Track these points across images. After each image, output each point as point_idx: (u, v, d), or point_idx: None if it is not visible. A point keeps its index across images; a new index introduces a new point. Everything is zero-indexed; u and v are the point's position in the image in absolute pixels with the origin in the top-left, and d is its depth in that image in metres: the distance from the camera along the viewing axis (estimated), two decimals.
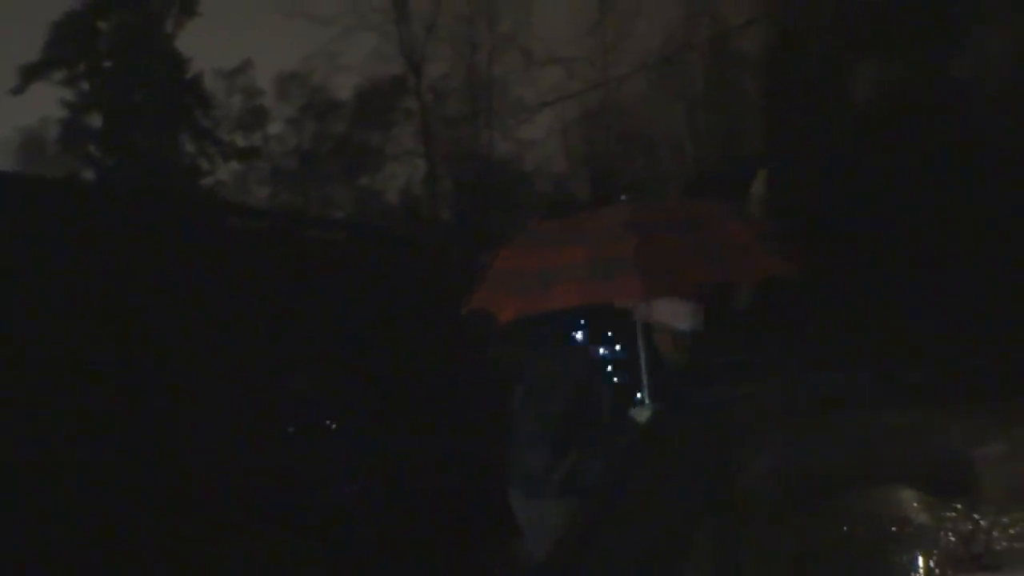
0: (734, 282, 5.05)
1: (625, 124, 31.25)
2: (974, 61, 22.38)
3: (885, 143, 20.82)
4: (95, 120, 32.19)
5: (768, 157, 29.06)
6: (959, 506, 3.67)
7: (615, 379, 4.17)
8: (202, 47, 48.05)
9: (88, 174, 31.85)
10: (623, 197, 4.15)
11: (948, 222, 19.54)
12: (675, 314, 4.21)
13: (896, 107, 21.41)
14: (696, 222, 3.95)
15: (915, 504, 4.38)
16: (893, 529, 4.01)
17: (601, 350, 4.26)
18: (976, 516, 3.74)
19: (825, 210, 22.57)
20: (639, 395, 3.98)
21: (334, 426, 5.92)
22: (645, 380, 3.84)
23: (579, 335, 4.31)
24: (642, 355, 3.92)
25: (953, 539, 3.59)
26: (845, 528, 4.32)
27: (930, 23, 21.79)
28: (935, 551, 3.60)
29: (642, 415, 3.81)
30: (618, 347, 4.18)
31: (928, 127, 20.38)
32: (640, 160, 31.44)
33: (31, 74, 31.48)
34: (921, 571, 3.54)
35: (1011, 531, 3.50)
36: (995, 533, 3.45)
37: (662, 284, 3.76)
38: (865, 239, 20.81)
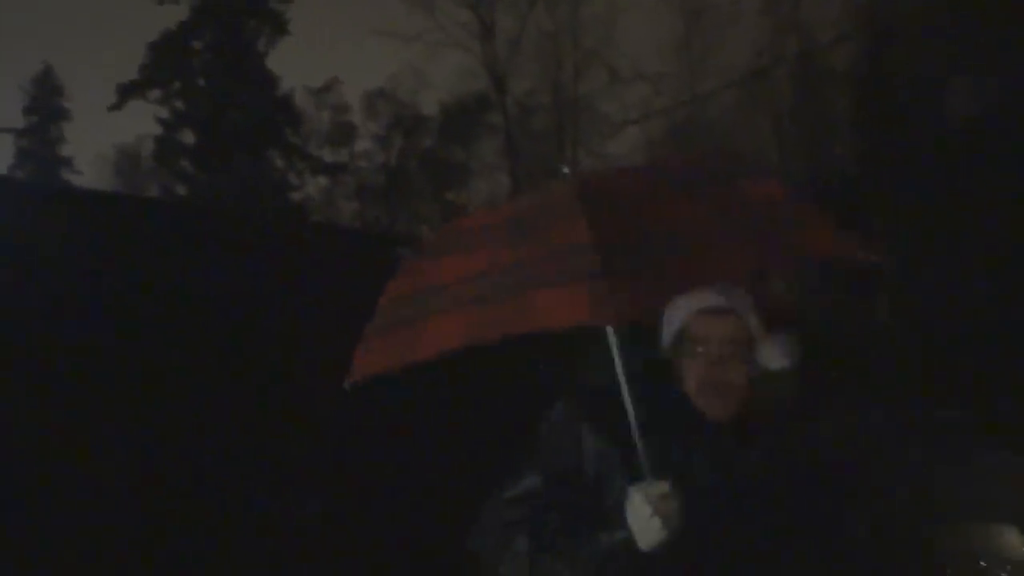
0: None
1: (711, 140, 31.07)
2: None
3: (979, 162, 20.44)
4: (188, 137, 32.91)
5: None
6: None
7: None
8: (292, 65, 48.99)
9: (181, 190, 32.57)
10: (565, 170, 2.30)
11: None
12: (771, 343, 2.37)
13: (991, 125, 21.02)
14: (698, 180, 2.32)
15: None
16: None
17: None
18: None
19: (919, 231, 22.21)
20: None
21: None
22: (639, 443, 2.13)
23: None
24: (627, 401, 2.15)
25: None
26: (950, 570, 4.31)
27: None
28: None
29: (649, 501, 2.08)
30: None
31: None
32: None
33: (128, 92, 32.32)
34: None
35: None
36: None
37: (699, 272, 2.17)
38: (956, 260, 20.44)
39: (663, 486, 2.11)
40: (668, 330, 2.43)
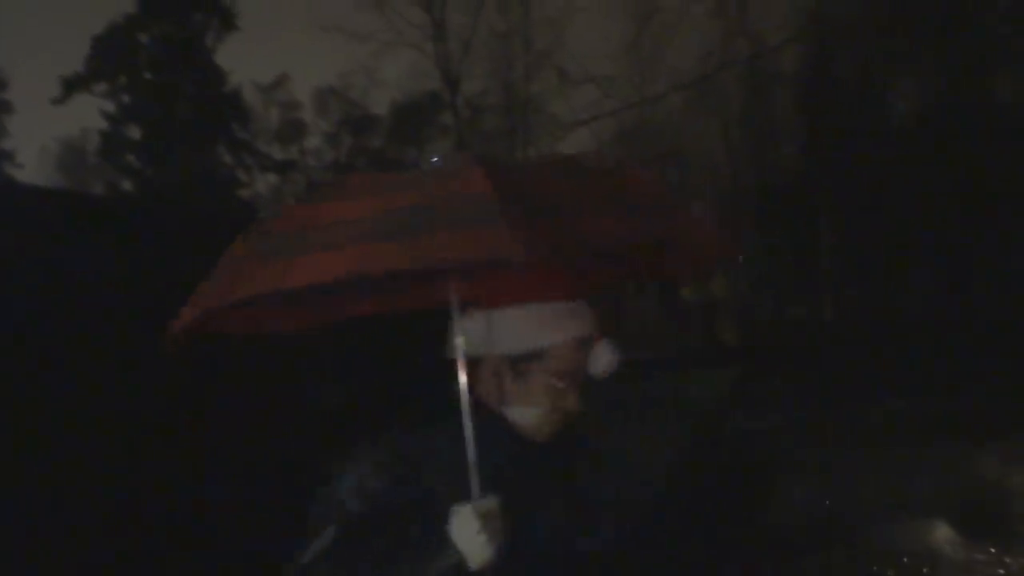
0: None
1: (660, 142, 31.24)
2: (1014, 80, 22.23)
3: (922, 161, 20.70)
4: (134, 131, 32.55)
5: (706, 191, 28.89)
6: (992, 549, 3.67)
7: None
8: (241, 61, 48.63)
9: (127, 185, 32.23)
10: (435, 159, 2.18)
11: (985, 242, 19.40)
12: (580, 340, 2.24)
13: (933, 125, 21.30)
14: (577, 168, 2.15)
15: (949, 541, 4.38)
16: (925, 570, 4.00)
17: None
18: (1008, 559, 3.73)
19: (862, 231, 22.46)
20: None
21: None
22: (472, 458, 2.00)
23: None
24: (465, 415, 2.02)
25: None
26: (876, 567, 4.31)
27: (969, 41, 21.68)
28: None
29: (477, 517, 1.96)
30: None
31: (966, 146, 20.26)
32: (675, 178, 31.42)
33: (73, 85, 31.89)
34: None
35: None
36: None
37: (543, 243, 1.80)
38: (901, 257, 20.69)
39: (490, 502, 2.00)
40: (517, 344, 2.20)
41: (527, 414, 2.21)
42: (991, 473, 4.73)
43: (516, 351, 2.20)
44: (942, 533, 4.45)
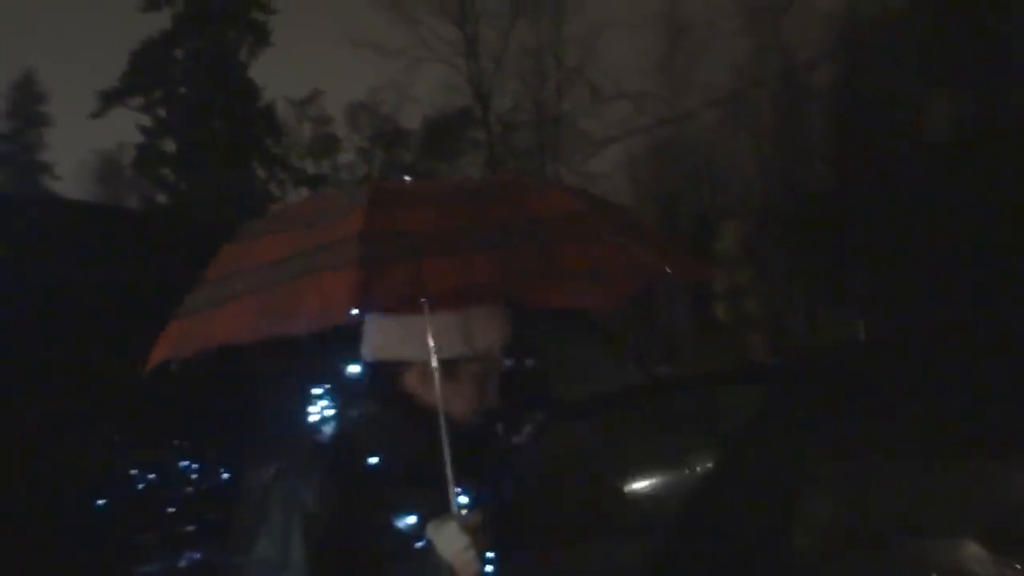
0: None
1: (692, 158, 31.20)
2: None
3: (955, 176, 20.59)
4: (170, 145, 32.88)
5: (738, 208, 28.86)
6: (1018, 565, 3.64)
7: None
8: (274, 76, 48.94)
9: (162, 198, 32.53)
10: (407, 179, 2.24)
11: (1019, 256, 19.23)
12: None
13: (966, 140, 21.19)
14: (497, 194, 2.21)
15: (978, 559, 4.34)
16: None
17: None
18: None
19: (894, 244, 22.32)
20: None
21: None
22: (448, 463, 2.02)
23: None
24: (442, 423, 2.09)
25: None
26: None
27: (1001, 57, 21.57)
28: None
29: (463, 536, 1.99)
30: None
31: (999, 161, 20.13)
32: (707, 194, 31.35)
33: (110, 100, 32.26)
34: None
35: None
36: None
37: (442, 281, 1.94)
38: (932, 271, 20.55)
39: (475, 515, 2.03)
40: (449, 349, 2.18)
41: (456, 409, 2.20)
42: (1021, 488, 4.69)
43: (449, 355, 2.18)
44: (971, 549, 4.42)
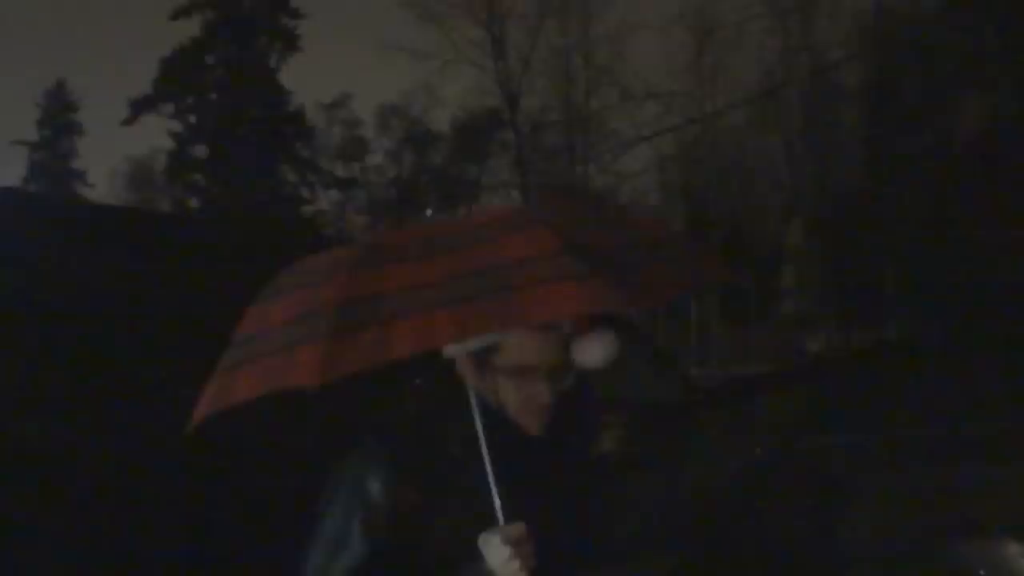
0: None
1: (722, 158, 31.12)
2: None
3: (988, 176, 20.45)
4: (201, 151, 33.15)
5: (800, 205, 28.75)
6: None
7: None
8: (304, 81, 49.25)
9: (194, 203, 32.80)
10: (428, 212, 2.08)
11: None
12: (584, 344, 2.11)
13: (999, 141, 21.04)
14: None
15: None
16: None
17: None
18: None
19: (927, 246, 22.20)
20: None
21: None
22: (492, 480, 1.96)
23: None
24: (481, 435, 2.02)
25: None
26: None
27: None
28: None
29: (510, 544, 1.94)
30: None
31: None
32: (736, 193, 31.26)
33: (141, 107, 32.58)
34: None
35: None
36: None
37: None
38: (967, 273, 20.43)
39: (518, 527, 1.96)
40: (474, 340, 2.08)
41: (514, 407, 2.12)
42: None
43: (474, 347, 2.09)
44: (1016, 552, 4.45)
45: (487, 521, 1.97)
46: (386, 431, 2.15)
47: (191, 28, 32.19)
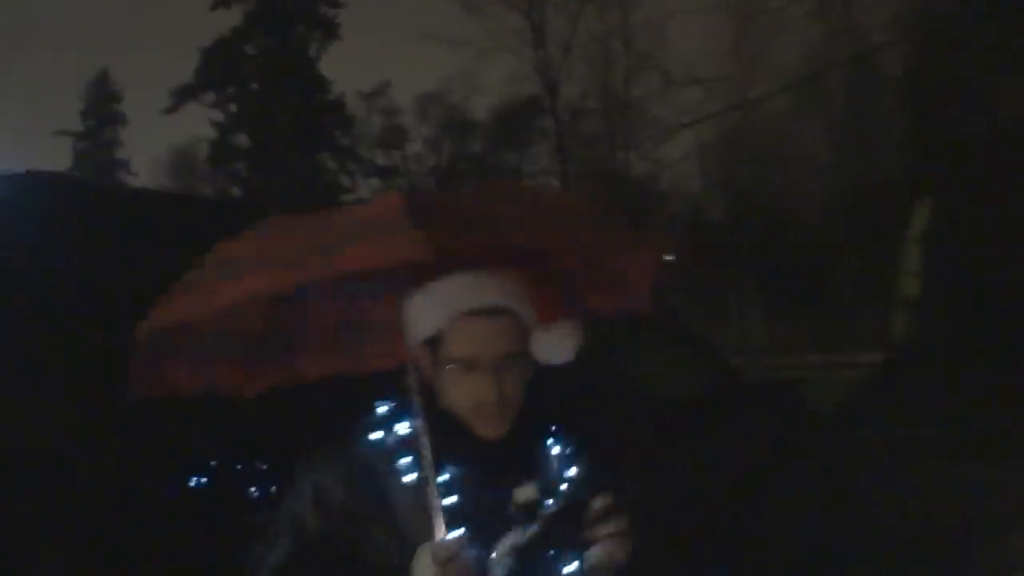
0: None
1: (763, 144, 30.88)
2: None
3: None
4: (242, 140, 33.39)
5: (927, 187, 28.28)
6: None
7: None
8: (343, 70, 49.41)
9: (236, 191, 33.04)
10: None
11: None
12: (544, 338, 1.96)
13: None
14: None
15: None
16: None
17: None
18: None
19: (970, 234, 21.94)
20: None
21: None
22: (433, 489, 1.85)
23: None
24: (423, 440, 1.91)
25: None
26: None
27: None
28: None
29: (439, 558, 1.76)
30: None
31: None
32: (777, 180, 31.02)
33: (182, 97, 32.87)
34: None
35: None
36: None
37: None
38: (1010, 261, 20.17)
39: (451, 544, 1.77)
40: (419, 330, 1.94)
41: (459, 410, 1.93)
42: None
43: (420, 338, 1.95)
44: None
45: (425, 534, 1.81)
46: (342, 437, 2.00)
47: (231, 18, 32.44)
